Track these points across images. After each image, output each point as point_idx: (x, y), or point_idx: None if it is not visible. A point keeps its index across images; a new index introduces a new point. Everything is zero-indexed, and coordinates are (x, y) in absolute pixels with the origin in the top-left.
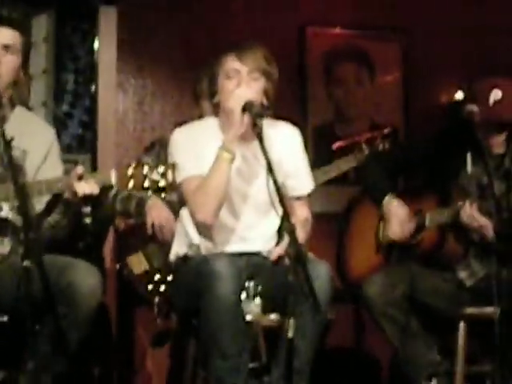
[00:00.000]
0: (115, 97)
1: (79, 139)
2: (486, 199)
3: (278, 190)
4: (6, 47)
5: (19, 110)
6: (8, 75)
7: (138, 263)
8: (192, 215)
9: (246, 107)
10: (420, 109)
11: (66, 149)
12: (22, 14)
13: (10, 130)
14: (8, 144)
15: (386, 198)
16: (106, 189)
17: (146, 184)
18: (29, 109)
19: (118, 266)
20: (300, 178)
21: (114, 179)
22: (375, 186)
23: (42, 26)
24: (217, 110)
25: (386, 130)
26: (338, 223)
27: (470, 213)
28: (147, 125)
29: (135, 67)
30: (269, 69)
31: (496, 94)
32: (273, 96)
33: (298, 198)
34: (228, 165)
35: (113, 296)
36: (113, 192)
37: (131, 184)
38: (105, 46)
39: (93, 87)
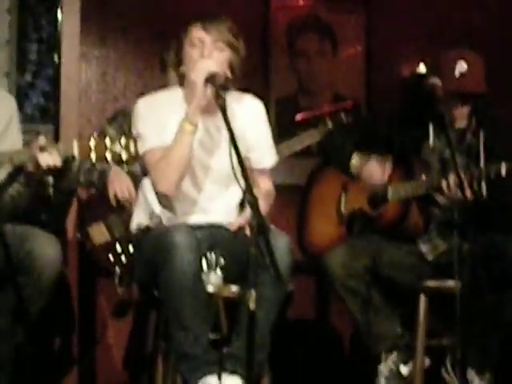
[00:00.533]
0: (78, 68)
1: (42, 109)
2: (447, 173)
3: (241, 162)
4: None
5: None
6: None
7: (99, 234)
8: (154, 186)
9: (209, 79)
10: (383, 82)
11: (28, 119)
12: None
13: None
14: None
15: (354, 156)
16: (68, 160)
17: (108, 156)
18: None
19: (78, 237)
20: (263, 150)
21: (76, 150)
22: (340, 152)
23: None
24: (182, 80)
25: (349, 104)
26: (299, 195)
27: (450, 182)
28: (110, 96)
29: (98, 38)
30: (234, 41)
31: (461, 66)
32: (238, 69)
33: (261, 171)
34: (190, 136)
35: (74, 266)
36: (75, 163)
37: (93, 155)
38: (68, 17)
39: (56, 58)
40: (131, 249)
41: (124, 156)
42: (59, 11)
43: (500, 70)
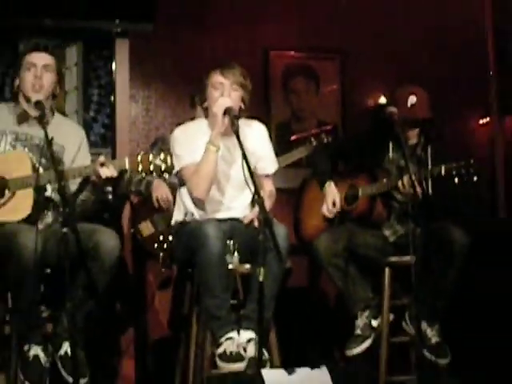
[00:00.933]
0: (128, 106)
1: (102, 137)
2: (402, 176)
3: (251, 172)
4: (45, 66)
5: (58, 116)
6: (49, 87)
7: (146, 228)
8: (190, 193)
9: (226, 112)
10: (353, 111)
11: (92, 144)
12: (55, 45)
13: (51, 131)
14: (49, 142)
15: (327, 183)
16: (122, 172)
17: (151, 167)
18: (65, 115)
19: (132, 231)
20: (267, 161)
21: (127, 165)
22: (321, 173)
23: (73, 54)
24: (206, 113)
25: (328, 127)
26: (294, 196)
27: (408, 181)
28: (152, 126)
29: (143, 83)
30: (245, 82)
31: (412, 99)
32: (248, 102)
33: (266, 176)
34: (214, 155)
35: (129, 252)
36: (127, 175)
37: (140, 168)
38: (120, 68)
39: (112, 99)
40: (171, 238)
41: (163, 167)
42: (113, 64)
43: (441, 99)
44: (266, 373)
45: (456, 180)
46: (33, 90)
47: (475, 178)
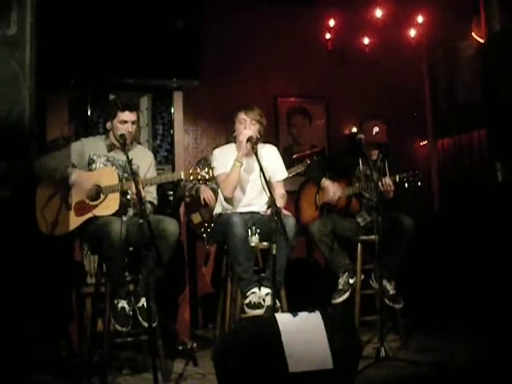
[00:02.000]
0: (183, 136)
1: (165, 158)
2: (369, 182)
3: (266, 181)
4: (133, 122)
5: (135, 145)
6: (133, 134)
7: (196, 218)
8: (222, 193)
9: (248, 139)
10: (335, 137)
11: (158, 163)
12: (133, 95)
13: (130, 155)
14: (130, 162)
15: (322, 180)
16: (178, 180)
17: (199, 177)
18: (140, 144)
19: (187, 220)
20: (277, 171)
21: (182, 176)
22: (315, 175)
23: (145, 101)
24: (235, 139)
25: (318, 149)
26: (296, 195)
27: (388, 182)
28: (199, 150)
29: (192, 121)
30: (261, 119)
31: (375, 129)
32: (263, 133)
33: (278, 182)
34: (239, 168)
35: (185, 235)
36: (182, 183)
37: (191, 178)
38: (177, 111)
39: (171, 131)
40: (212, 225)
41: (207, 177)
42: (172, 108)
43: (394, 129)
44: (278, 316)
45: (406, 185)
46: (121, 138)
47: (419, 183)
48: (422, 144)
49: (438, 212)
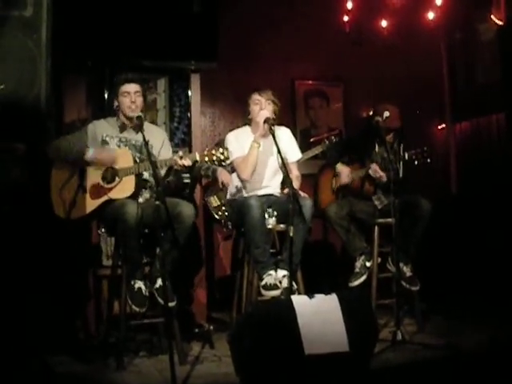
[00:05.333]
0: (200, 119)
1: (182, 140)
2: (385, 164)
3: (282, 161)
4: (136, 92)
5: (146, 124)
6: (140, 106)
7: (213, 201)
8: (239, 176)
9: (265, 120)
10: (352, 120)
11: (175, 145)
12: (151, 78)
13: (146, 134)
14: (146, 142)
15: (338, 164)
16: (194, 162)
17: (214, 158)
18: (156, 125)
19: (203, 203)
20: (293, 153)
21: (198, 157)
22: (332, 159)
23: (162, 84)
24: (250, 121)
25: (335, 132)
26: (314, 178)
27: (374, 169)
28: (216, 133)
29: (209, 104)
30: (275, 100)
31: (386, 114)
32: (277, 114)
33: (293, 163)
34: (256, 150)
35: (201, 218)
36: (198, 164)
37: (207, 159)
38: (194, 93)
39: (188, 114)
40: (228, 209)
41: (222, 158)
42: (189, 91)
43: (413, 112)
44: (295, 298)
45: (415, 162)
46: (129, 110)
47: (428, 160)
48: (439, 127)
49: (455, 195)
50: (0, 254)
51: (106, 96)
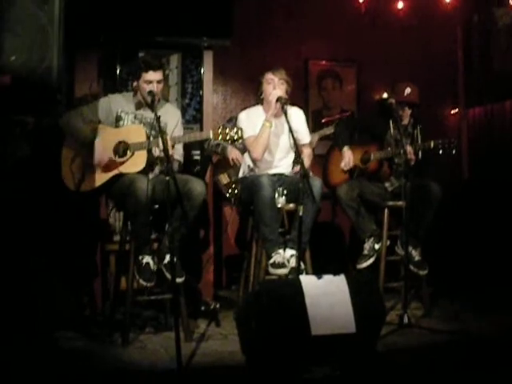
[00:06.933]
0: (211, 96)
1: (194, 117)
2: (398, 147)
3: (294, 140)
4: (158, 81)
5: (163, 103)
6: (159, 92)
7: (224, 178)
8: (251, 155)
9: (278, 99)
10: (365, 102)
11: (187, 122)
12: (163, 53)
13: (159, 112)
14: (158, 119)
15: (344, 148)
16: (206, 139)
17: (228, 137)
18: (168, 102)
19: (214, 180)
20: (304, 133)
21: (211, 134)
22: (340, 141)
23: (175, 60)
24: (262, 101)
25: (348, 113)
26: (324, 159)
27: (410, 151)
28: (228, 110)
29: (222, 81)
30: (288, 79)
31: (407, 90)
32: (289, 93)
33: (304, 144)
34: (268, 129)
35: (211, 195)
36: (210, 141)
37: (219, 137)
38: (206, 70)
39: (201, 92)
40: (239, 187)
41: (235, 137)
42: (202, 68)
43: (426, 96)
44: (303, 277)
45: (440, 152)
46: (149, 95)
47: (454, 152)
48: (452, 112)
49: (466, 180)
50: (9, 229)
51: (117, 71)
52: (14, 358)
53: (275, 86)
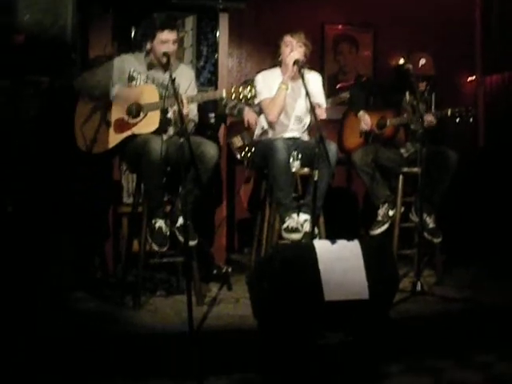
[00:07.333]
0: (227, 59)
1: (209, 80)
2: (415, 113)
3: (311, 104)
4: (174, 41)
5: (178, 64)
6: (174, 53)
7: (237, 141)
8: (266, 117)
9: (295, 62)
10: (381, 68)
11: (201, 84)
12: (178, 16)
13: (175, 73)
14: (173, 80)
15: (360, 112)
16: (220, 99)
17: (241, 96)
18: (181, 61)
19: (227, 143)
20: (320, 97)
21: (224, 94)
22: (356, 105)
23: (190, 22)
24: (280, 63)
25: (364, 79)
26: (339, 124)
27: (430, 119)
28: (243, 73)
29: (237, 44)
30: (307, 43)
31: (422, 61)
32: (308, 56)
33: (319, 106)
34: (285, 92)
35: (224, 158)
36: (224, 101)
37: (233, 96)
38: (222, 33)
39: (216, 55)
40: (253, 149)
41: (249, 96)
42: (218, 32)
43: (442, 63)
44: (317, 242)
45: (457, 120)
46: (164, 56)
47: (471, 120)
48: (469, 79)
49: (482, 148)
50: (21, 191)
51: (132, 32)
52: (26, 318)
53: (293, 48)
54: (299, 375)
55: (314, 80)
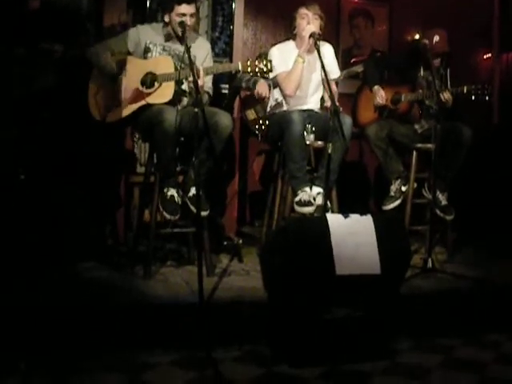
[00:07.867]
0: (242, 30)
1: (224, 51)
2: (430, 89)
3: (326, 77)
4: (191, 15)
5: (194, 35)
6: (192, 26)
7: (251, 114)
8: (282, 91)
9: (311, 35)
10: (397, 43)
11: (216, 55)
12: None
13: (192, 45)
14: (188, 50)
15: (375, 87)
16: (236, 72)
17: (257, 70)
18: (199, 34)
19: (241, 115)
20: (334, 70)
21: (240, 66)
22: (370, 80)
23: None
24: (294, 36)
25: (379, 54)
26: (353, 97)
27: (448, 97)
28: (257, 45)
29: (253, 16)
30: (322, 15)
31: (436, 38)
32: (323, 29)
33: (333, 80)
34: (301, 65)
35: (238, 130)
36: (239, 75)
37: (249, 69)
38: (238, 4)
39: (231, 26)
40: (267, 122)
41: (265, 69)
42: (234, 2)
43: (459, 40)
44: (329, 216)
45: (473, 97)
46: (180, 26)
47: (487, 98)
48: (485, 57)
49: (496, 126)
50: (34, 158)
51: (147, 2)
52: (37, 286)
53: (309, 21)
54: (307, 349)
55: (327, 51)
